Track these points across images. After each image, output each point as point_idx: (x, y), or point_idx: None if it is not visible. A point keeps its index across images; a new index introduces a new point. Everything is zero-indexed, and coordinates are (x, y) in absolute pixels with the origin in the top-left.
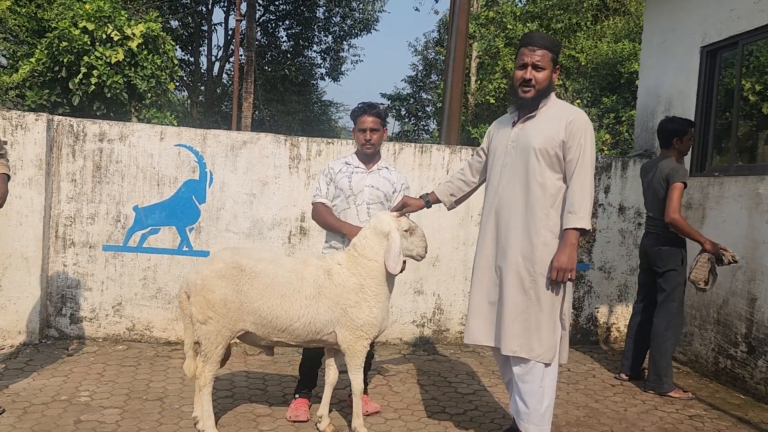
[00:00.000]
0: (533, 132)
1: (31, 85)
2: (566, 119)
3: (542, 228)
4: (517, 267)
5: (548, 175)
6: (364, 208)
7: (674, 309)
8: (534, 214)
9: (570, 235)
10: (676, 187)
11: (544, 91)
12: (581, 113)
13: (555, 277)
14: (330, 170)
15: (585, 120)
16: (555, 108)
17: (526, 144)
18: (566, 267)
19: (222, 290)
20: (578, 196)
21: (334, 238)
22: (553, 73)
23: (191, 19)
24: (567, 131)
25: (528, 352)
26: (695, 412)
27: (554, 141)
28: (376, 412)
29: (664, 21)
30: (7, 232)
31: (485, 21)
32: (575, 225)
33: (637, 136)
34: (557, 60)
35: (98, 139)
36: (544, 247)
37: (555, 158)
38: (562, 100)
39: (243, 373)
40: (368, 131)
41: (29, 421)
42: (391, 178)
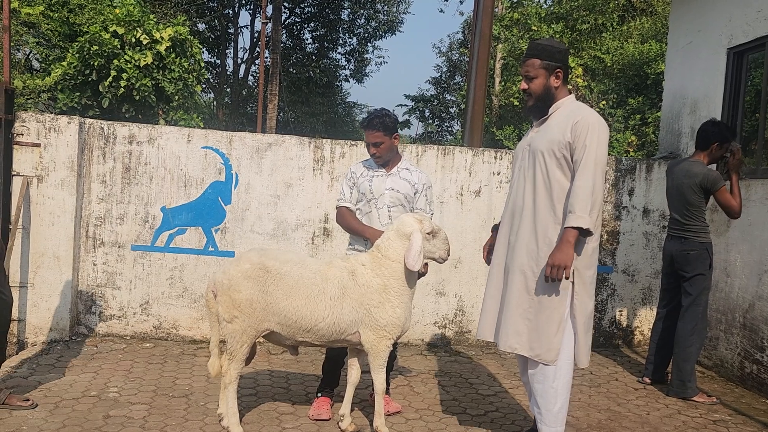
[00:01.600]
0: (543, 135)
1: (63, 88)
2: (573, 121)
3: (549, 228)
4: (522, 266)
5: (557, 177)
6: (385, 211)
7: (700, 314)
8: (541, 215)
9: (567, 233)
10: (722, 192)
11: (544, 97)
12: (590, 114)
13: (548, 273)
14: (352, 174)
15: (592, 121)
16: (567, 110)
17: (536, 147)
18: (559, 264)
19: (248, 290)
20: (579, 195)
21: (357, 241)
22: (551, 77)
23: (218, 22)
24: (573, 132)
25: (527, 351)
26: (719, 416)
27: (560, 143)
28: (397, 412)
29: (690, 22)
30: (40, 232)
31: (509, 23)
32: (572, 224)
33: (662, 139)
34: (555, 63)
35: (128, 141)
36: (548, 248)
37: (563, 159)
38: (587, 101)
39: (266, 372)
40: (371, 146)
41: (60, 416)
42: (411, 179)
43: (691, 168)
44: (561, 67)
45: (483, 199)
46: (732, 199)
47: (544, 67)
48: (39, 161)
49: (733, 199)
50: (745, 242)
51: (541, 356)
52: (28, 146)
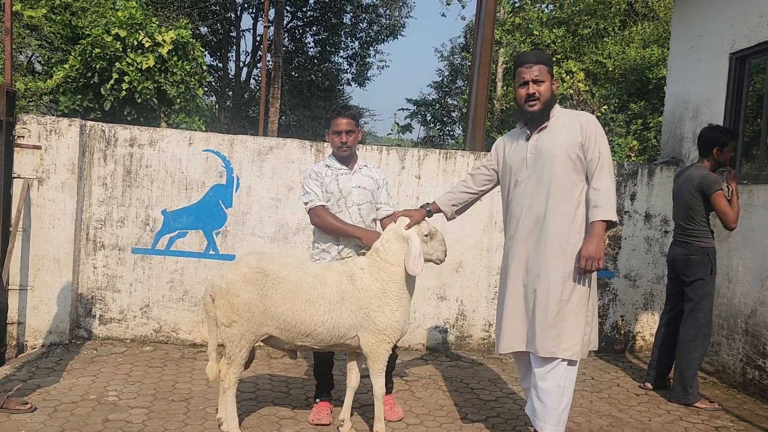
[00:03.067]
0: (551, 140)
1: (65, 90)
2: (579, 122)
3: (570, 231)
4: (553, 273)
5: (573, 178)
6: (356, 209)
7: (702, 319)
8: (561, 218)
9: (597, 226)
10: (717, 196)
11: (549, 102)
12: (590, 115)
13: (584, 265)
14: (317, 174)
15: (595, 120)
16: (565, 115)
17: (549, 152)
18: (594, 255)
19: (246, 294)
20: (603, 191)
21: (324, 240)
22: (552, 84)
23: (220, 25)
24: (583, 133)
25: (563, 352)
26: (721, 423)
27: (574, 144)
28: (400, 420)
29: (692, 27)
30: (40, 235)
31: (511, 27)
32: (602, 217)
33: (663, 144)
34: (552, 72)
35: (129, 144)
36: (574, 248)
37: (578, 161)
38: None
39: (267, 376)
40: (344, 134)
41: (59, 420)
42: (373, 175)
43: (692, 172)
44: (555, 78)
45: (484, 204)
46: (728, 206)
47: (550, 73)
48: (40, 163)
49: (729, 207)
50: (748, 248)
51: (575, 354)
52: (29, 148)
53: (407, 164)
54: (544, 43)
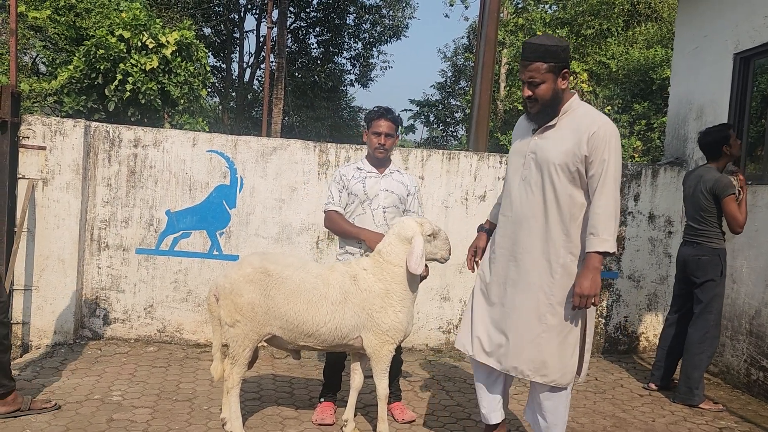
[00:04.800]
0: (553, 144)
1: (69, 91)
2: (588, 131)
3: (561, 249)
4: (532, 286)
5: (569, 192)
6: (380, 212)
7: (711, 321)
8: (553, 233)
9: (593, 259)
10: (729, 201)
11: (551, 102)
12: (605, 123)
13: (578, 303)
14: (342, 177)
15: (609, 131)
16: (577, 116)
17: (546, 158)
18: (589, 293)
19: (250, 294)
20: (602, 216)
21: (348, 243)
22: (558, 80)
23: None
24: (589, 145)
25: (542, 378)
26: (726, 424)
27: (575, 156)
28: (411, 421)
29: (696, 27)
30: (45, 235)
31: (514, 28)
32: (598, 248)
33: (667, 144)
34: (561, 64)
35: (133, 144)
36: (563, 269)
37: (576, 173)
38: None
39: (270, 376)
40: (383, 135)
41: (63, 419)
42: (404, 181)
43: (704, 174)
44: (567, 67)
45: (488, 204)
46: (738, 211)
47: (551, 70)
48: (44, 164)
49: (738, 213)
50: (752, 248)
51: (557, 381)
52: (34, 149)
53: (410, 165)
54: None
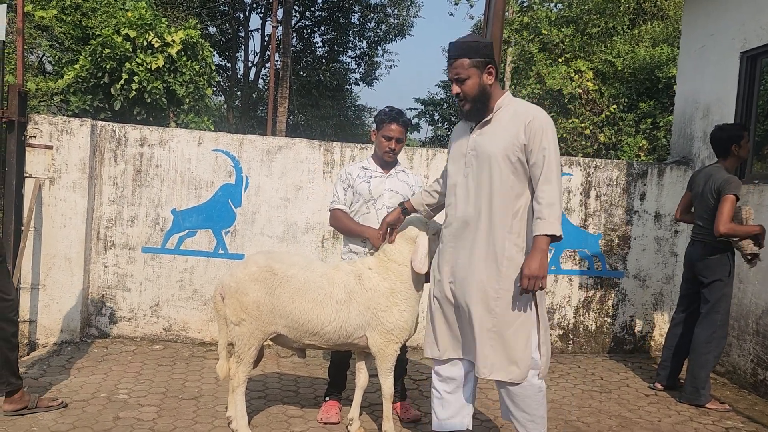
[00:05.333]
0: (491, 138)
1: (75, 90)
2: (525, 121)
3: (507, 242)
4: (481, 284)
5: (511, 183)
6: (384, 212)
7: (718, 321)
8: (498, 227)
9: (540, 241)
10: (728, 200)
11: (480, 98)
12: (540, 112)
13: (526, 285)
14: (348, 176)
15: (544, 119)
16: (511, 109)
17: (486, 152)
18: (537, 274)
19: (255, 293)
20: (546, 201)
21: (353, 242)
22: (484, 75)
23: (229, 25)
24: (527, 133)
25: (504, 375)
26: (732, 424)
27: (515, 145)
28: (416, 420)
29: (702, 26)
30: (52, 234)
31: (519, 27)
32: (545, 231)
33: (673, 143)
34: (484, 60)
35: (139, 143)
36: (509, 262)
37: (518, 163)
38: (597, 105)
39: (275, 375)
40: (394, 140)
41: (70, 417)
42: (409, 181)
43: (714, 173)
44: (491, 62)
45: None
46: (729, 214)
47: (474, 65)
48: (51, 163)
49: (729, 215)
50: None
51: (518, 376)
52: (41, 148)
53: (416, 164)
54: (553, 42)
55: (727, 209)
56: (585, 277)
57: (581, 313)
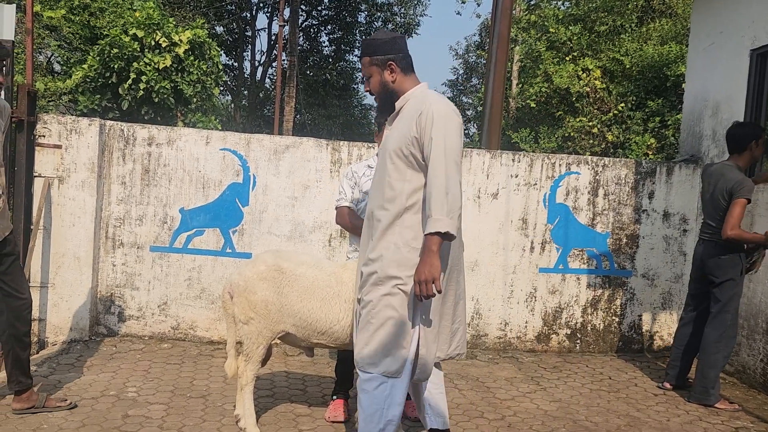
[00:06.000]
0: (393, 132)
1: (84, 90)
2: (417, 113)
3: (400, 238)
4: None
5: (407, 177)
6: None
7: (728, 320)
8: (395, 223)
9: (428, 241)
10: (739, 203)
11: (384, 95)
12: (434, 104)
13: (417, 292)
14: (354, 174)
15: (435, 110)
16: (412, 103)
17: (386, 147)
18: (425, 278)
19: (263, 292)
20: (435, 197)
21: (358, 241)
22: (385, 73)
23: (236, 25)
24: (418, 126)
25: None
26: (741, 424)
27: (407, 138)
28: None
29: (711, 23)
30: (61, 233)
31: (527, 25)
32: (432, 229)
33: (682, 141)
34: (383, 57)
35: (147, 143)
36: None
37: (412, 158)
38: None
39: (283, 374)
40: None
41: (80, 415)
42: None
43: (725, 173)
44: (393, 59)
45: (500, 202)
46: (739, 218)
47: (374, 63)
48: (60, 163)
49: (739, 220)
50: None
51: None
52: (50, 148)
53: None
54: (560, 40)
55: (737, 212)
56: (593, 276)
57: (589, 312)
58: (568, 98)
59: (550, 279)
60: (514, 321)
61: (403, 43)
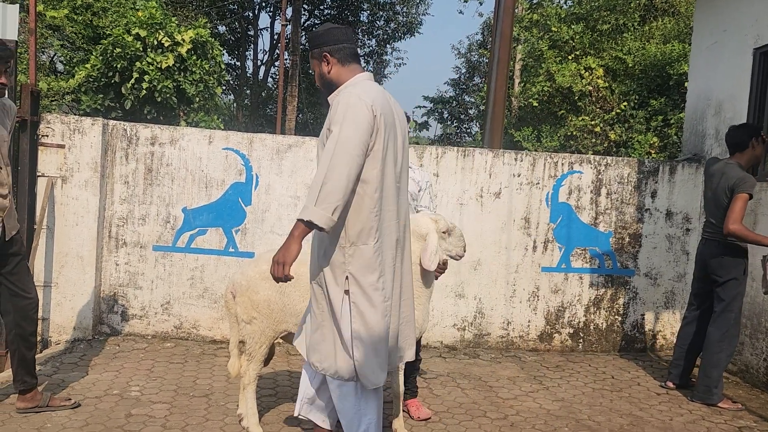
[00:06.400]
0: None
1: (86, 90)
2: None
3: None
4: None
5: None
6: None
7: (732, 320)
8: None
9: (294, 226)
10: (741, 198)
11: (325, 87)
12: (344, 95)
13: (271, 271)
14: None
15: (342, 100)
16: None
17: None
18: (278, 260)
19: (266, 292)
20: (312, 186)
21: None
22: (322, 65)
23: (238, 24)
24: (330, 118)
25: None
26: (744, 423)
27: (325, 131)
28: (427, 419)
29: (714, 22)
30: (64, 232)
31: (529, 24)
32: (299, 215)
33: (685, 140)
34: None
35: (150, 142)
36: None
37: None
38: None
39: (286, 373)
40: None
41: (83, 414)
42: (415, 177)
43: (727, 170)
44: (328, 50)
45: (503, 201)
46: (741, 213)
47: (314, 56)
48: (63, 162)
49: (740, 215)
50: None
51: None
52: (53, 147)
53: (425, 162)
54: (563, 39)
55: (739, 207)
56: (595, 276)
57: (592, 311)
58: (570, 97)
59: (552, 278)
60: (516, 320)
61: (340, 33)
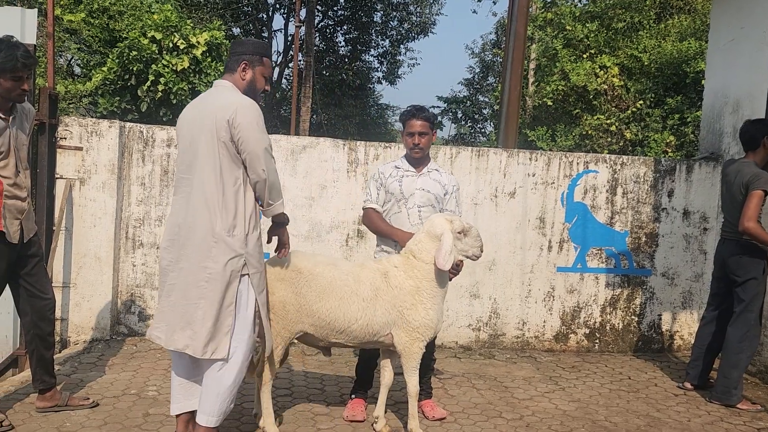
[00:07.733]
0: None
1: (103, 92)
2: None
3: None
4: None
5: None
6: (416, 211)
7: (752, 320)
8: None
9: None
10: (755, 195)
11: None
12: None
13: None
14: (380, 175)
15: None
16: None
17: None
18: None
19: (281, 292)
20: None
21: (385, 242)
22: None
23: (252, 26)
24: None
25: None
26: (764, 425)
27: None
28: (442, 419)
29: (732, 18)
30: (82, 234)
31: (543, 23)
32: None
33: (702, 139)
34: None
35: (166, 144)
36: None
37: None
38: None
39: (301, 373)
40: (416, 135)
41: (101, 413)
42: (441, 180)
43: (742, 169)
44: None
45: (518, 201)
46: (756, 210)
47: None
48: (81, 164)
49: (756, 212)
50: None
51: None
52: (71, 150)
53: (440, 162)
54: (577, 38)
55: (754, 204)
56: (612, 276)
57: (608, 311)
58: (585, 96)
59: (568, 278)
60: (532, 320)
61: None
